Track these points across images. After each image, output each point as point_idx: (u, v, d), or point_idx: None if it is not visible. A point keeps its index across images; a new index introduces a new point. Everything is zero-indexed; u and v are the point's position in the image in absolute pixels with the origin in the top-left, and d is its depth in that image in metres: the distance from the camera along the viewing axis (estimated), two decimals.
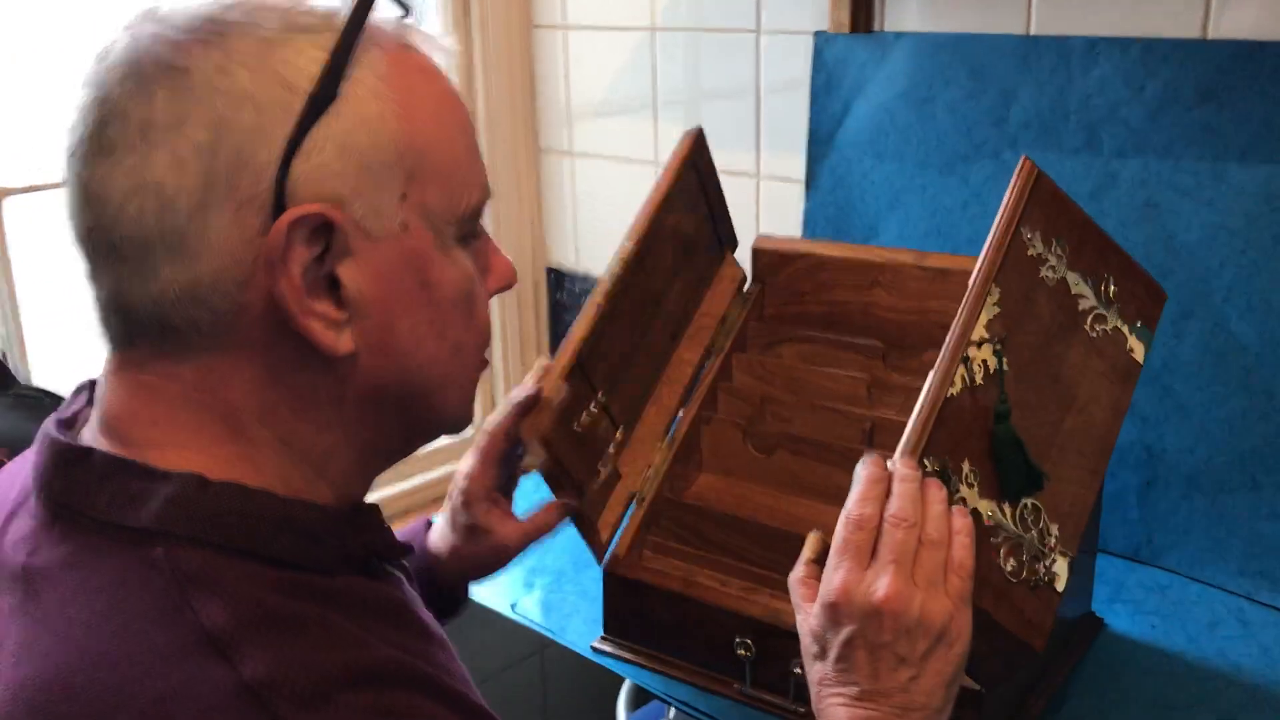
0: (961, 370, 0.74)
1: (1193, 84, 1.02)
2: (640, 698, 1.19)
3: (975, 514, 0.72)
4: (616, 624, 0.99)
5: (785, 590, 0.74)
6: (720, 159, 0.99)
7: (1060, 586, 0.74)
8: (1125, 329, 0.82)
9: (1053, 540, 0.74)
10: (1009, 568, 0.72)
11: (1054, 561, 0.74)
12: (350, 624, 0.55)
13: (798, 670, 0.84)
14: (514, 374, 1.68)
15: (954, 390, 0.73)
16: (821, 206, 1.28)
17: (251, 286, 0.55)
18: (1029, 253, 0.78)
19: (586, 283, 1.60)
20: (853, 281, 1.02)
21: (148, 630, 0.51)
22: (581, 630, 1.02)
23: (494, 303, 1.63)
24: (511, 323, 1.65)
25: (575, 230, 1.60)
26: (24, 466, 0.62)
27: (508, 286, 0.67)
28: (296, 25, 0.56)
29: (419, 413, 0.63)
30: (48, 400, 1.14)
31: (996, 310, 0.76)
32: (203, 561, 0.53)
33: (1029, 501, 0.74)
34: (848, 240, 1.26)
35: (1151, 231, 1.06)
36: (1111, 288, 0.82)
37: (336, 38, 0.56)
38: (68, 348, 1.27)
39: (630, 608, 0.96)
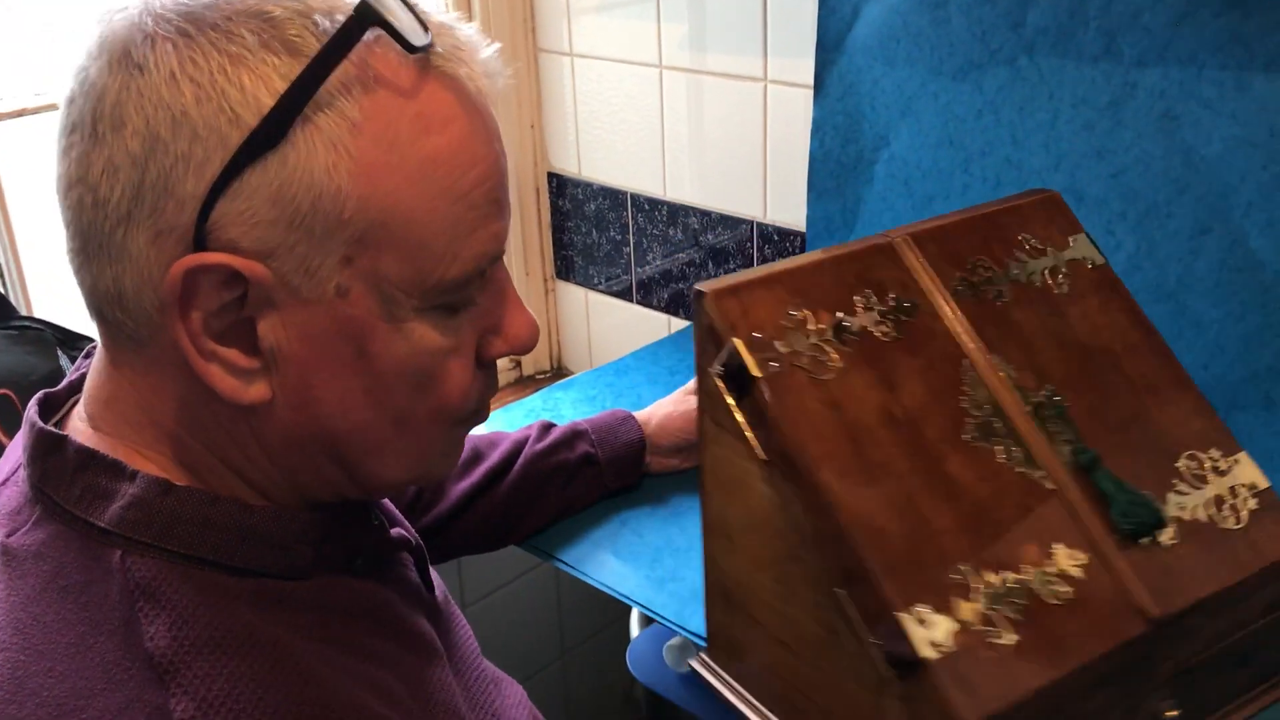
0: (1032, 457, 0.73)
1: None
2: None
3: (1152, 541, 0.72)
4: (721, 642, 0.83)
5: None
6: (726, 62, 0.94)
7: (1264, 481, 0.78)
8: (1074, 255, 0.84)
9: (1224, 465, 0.78)
10: (1234, 525, 0.75)
11: (1243, 477, 0.78)
12: (302, 642, 0.53)
13: None
14: (516, 283, 1.66)
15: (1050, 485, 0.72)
16: (830, 115, 1.24)
17: (167, 312, 0.51)
18: (974, 298, 0.79)
19: (589, 189, 1.57)
20: None
21: (100, 644, 0.51)
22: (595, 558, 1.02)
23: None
24: (513, 230, 1.63)
25: (577, 134, 1.56)
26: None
27: (519, 352, 0.60)
28: (278, 42, 0.49)
29: (355, 471, 0.58)
30: (49, 332, 1.13)
31: (1012, 373, 0.76)
32: (156, 571, 0.52)
33: (1200, 471, 0.77)
34: (858, 149, 1.23)
35: (1170, 144, 1.03)
36: (1030, 242, 0.83)
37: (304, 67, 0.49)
38: (68, 277, 1.26)
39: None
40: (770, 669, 0.78)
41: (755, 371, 0.70)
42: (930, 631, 0.65)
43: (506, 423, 1.26)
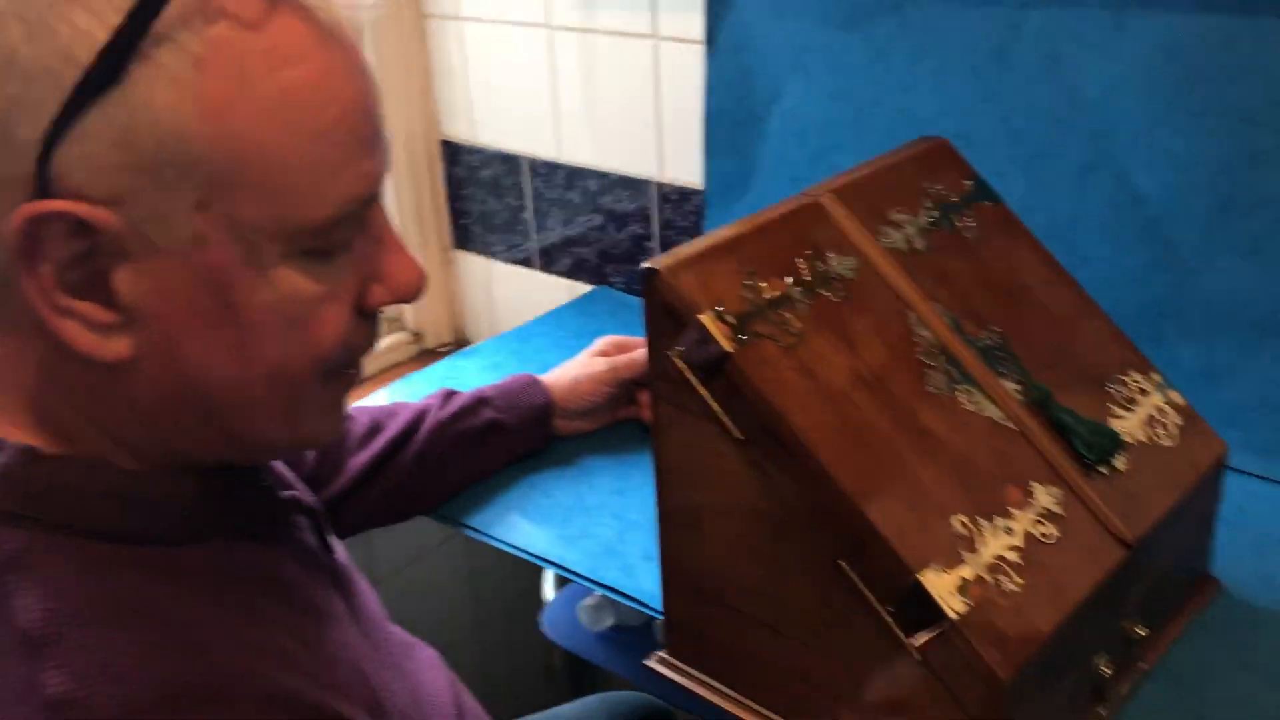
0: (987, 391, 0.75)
1: None
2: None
3: (1111, 468, 0.75)
4: (686, 637, 0.80)
5: None
6: (615, 20, 0.93)
7: (1181, 399, 0.84)
8: (975, 199, 0.87)
9: (1146, 385, 0.83)
10: (1169, 443, 0.79)
11: (1162, 395, 0.83)
12: (189, 610, 0.51)
13: None
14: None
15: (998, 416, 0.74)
16: (723, 70, 1.24)
17: (15, 265, 0.49)
18: (903, 249, 0.80)
19: (483, 155, 1.55)
20: None
21: None
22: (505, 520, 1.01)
23: (386, 179, 1.58)
24: (408, 201, 1.60)
25: (469, 100, 1.54)
26: None
27: (404, 299, 0.57)
28: None
29: (229, 431, 0.55)
30: None
31: (953, 319, 0.77)
32: (26, 542, 0.50)
33: (1128, 394, 0.81)
34: (751, 104, 1.23)
35: (1055, 86, 1.04)
36: (935, 189, 0.86)
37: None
38: None
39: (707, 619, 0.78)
40: (754, 657, 0.76)
41: (728, 347, 0.67)
42: (950, 589, 0.63)
43: (409, 393, 1.24)
